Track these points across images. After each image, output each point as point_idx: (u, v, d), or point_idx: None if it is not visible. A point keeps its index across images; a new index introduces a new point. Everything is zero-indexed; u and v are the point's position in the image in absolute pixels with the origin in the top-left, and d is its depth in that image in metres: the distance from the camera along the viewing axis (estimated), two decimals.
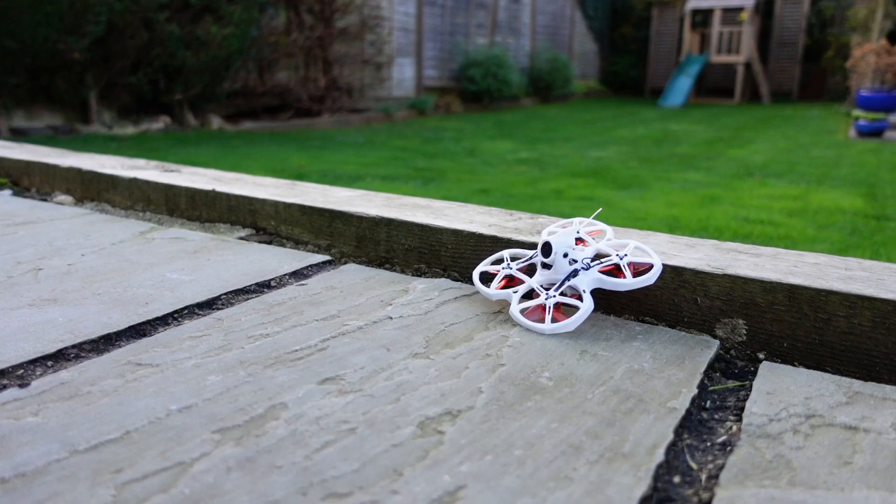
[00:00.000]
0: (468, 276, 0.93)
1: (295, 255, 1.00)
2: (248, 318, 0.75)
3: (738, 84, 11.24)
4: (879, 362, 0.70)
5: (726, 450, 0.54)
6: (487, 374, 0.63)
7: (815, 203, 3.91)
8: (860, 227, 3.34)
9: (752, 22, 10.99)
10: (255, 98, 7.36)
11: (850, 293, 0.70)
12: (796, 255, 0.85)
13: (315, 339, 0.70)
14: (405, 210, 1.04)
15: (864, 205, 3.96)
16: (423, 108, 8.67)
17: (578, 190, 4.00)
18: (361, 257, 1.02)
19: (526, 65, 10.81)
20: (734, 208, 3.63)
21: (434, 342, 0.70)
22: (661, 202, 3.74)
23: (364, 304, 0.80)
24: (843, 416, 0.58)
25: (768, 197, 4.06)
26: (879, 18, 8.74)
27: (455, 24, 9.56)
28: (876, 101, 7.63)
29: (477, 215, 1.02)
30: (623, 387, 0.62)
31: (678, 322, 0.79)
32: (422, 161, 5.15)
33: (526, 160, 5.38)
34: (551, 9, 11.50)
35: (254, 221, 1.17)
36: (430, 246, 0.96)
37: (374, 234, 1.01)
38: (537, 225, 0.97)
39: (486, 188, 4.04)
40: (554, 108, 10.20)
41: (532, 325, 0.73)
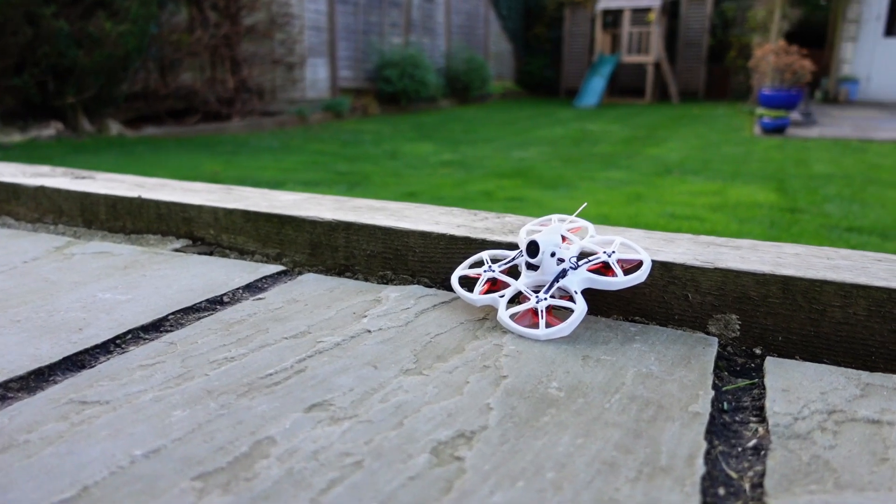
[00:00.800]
0: (440, 282, 0.87)
1: (244, 267, 0.91)
2: (205, 339, 0.67)
3: (649, 84, 11.64)
4: (875, 351, 0.68)
5: (760, 454, 0.50)
6: (492, 388, 0.57)
7: (733, 198, 4.06)
8: (777, 219, 3.48)
9: (659, 23, 11.42)
10: (158, 101, 7.01)
11: (844, 282, 0.68)
12: (774, 247, 0.84)
13: (289, 359, 0.62)
14: (361, 213, 0.96)
15: (777, 198, 4.14)
16: (340, 110, 8.52)
17: (507, 191, 4.00)
18: (318, 266, 0.94)
19: (442, 65, 10.82)
20: (660, 205, 3.72)
21: (423, 356, 0.63)
22: (589, 201, 3.78)
23: (335, 318, 0.72)
24: (863, 410, 0.56)
25: (689, 193, 4.19)
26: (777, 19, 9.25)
27: (369, 23, 9.45)
28: (777, 100, 8.05)
29: (440, 216, 0.96)
30: (638, 393, 0.57)
31: (669, 320, 0.76)
32: (343, 165, 5.03)
33: (450, 162, 5.35)
34: (465, 8, 11.56)
35: (189, 231, 1.07)
36: (396, 250, 0.89)
37: (331, 239, 0.93)
38: (507, 224, 0.91)
39: (413, 191, 3.98)
40: (472, 110, 10.26)
41: (526, 332, 0.68)
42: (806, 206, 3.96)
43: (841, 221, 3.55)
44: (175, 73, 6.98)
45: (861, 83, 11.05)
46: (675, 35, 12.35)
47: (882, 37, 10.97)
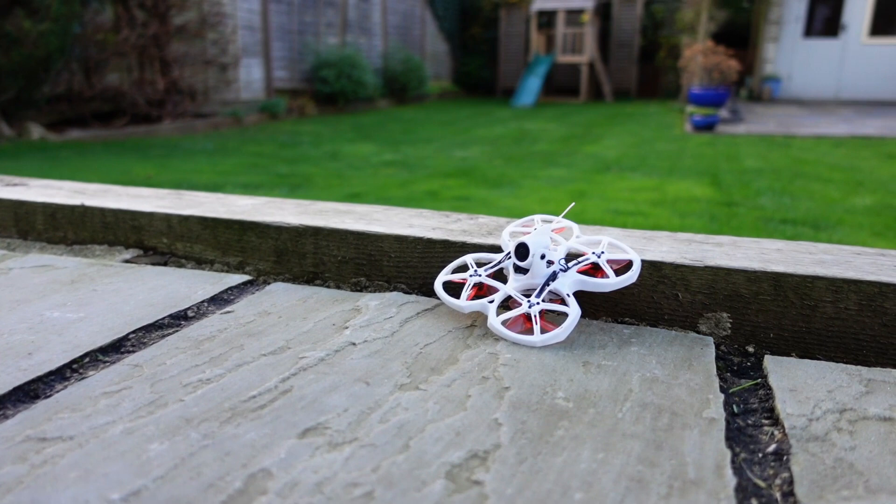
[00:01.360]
0: (418, 287, 0.83)
1: (206, 278, 0.84)
2: (174, 360, 0.61)
3: (583, 83, 11.85)
4: (866, 345, 0.68)
5: (783, 460, 0.48)
6: (496, 402, 0.54)
7: (671, 193, 4.16)
8: (716, 213, 3.58)
9: (592, 23, 11.63)
10: (83, 103, 6.70)
11: (835, 277, 0.68)
12: (755, 242, 0.83)
13: (272, 379, 0.57)
14: (329, 217, 0.91)
15: (712, 193, 4.26)
16: (276, 111, 8.33)
17: (452, 190, 3.98)
18: (284, 274, 0.89)
19: (380, 65, 10.73)
20: (603, 201, 3.77)
21: (416, 369, 0.59)
22: (534, 199, 3.80)
23: (314, 331, 0.67)
24: (872, 408, 0.55)
25: (629, 189, 4.26)
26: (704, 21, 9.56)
27: (304, 23, 9.27)
28: (706, 98, 8.32)
29: (412, 219, 0.91)
30: (648, 400, 0.55)
31: (659, 320, 0.74)
32: (283, 167, 4.91)
33: (391, 162, 5.30)
34: (401, 8, 11.50)
35: (140, 240, 0.99)
36: (370, 256, 0.84)
37: (299, 246, 0.88)
38: (482, 226, 0.88)
39: (358, 192, 3.92)
40: (411, 110, 10.21)
41: (520, 339, 0.65)
42: (741, 199, 4.09)
43: (775, 214, 3.67)
44: (101, 74, 6.68)
45: (783, 82, 11.54)
46: (607, 36, 12.62)
47: (801, 37, 11.49)
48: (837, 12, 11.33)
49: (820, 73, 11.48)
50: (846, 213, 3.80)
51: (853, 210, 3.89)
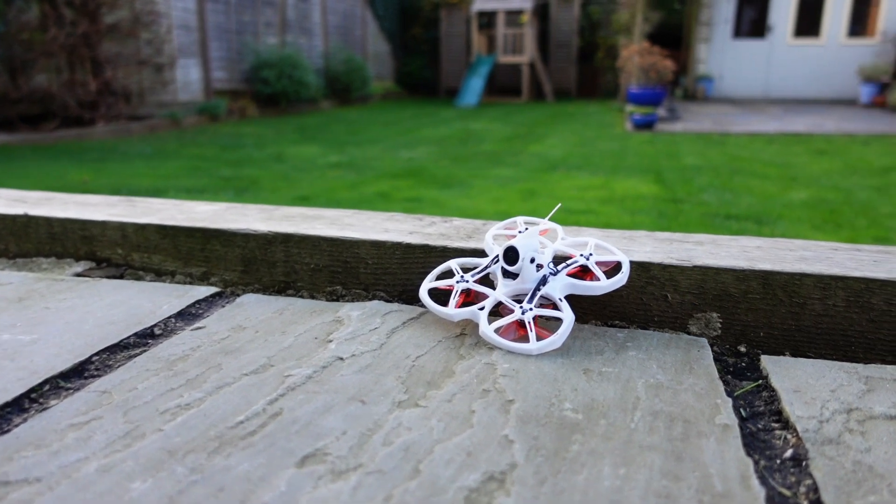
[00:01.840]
0: (398, 295, 0.79)
1: (169, 291, 0.79)
2: (146, 384, 0.55)
3: (525, 83, 11.96)
4: (854, 341, 0.68)
5: (802, 465, 0.47)
6: (502, 417, 0.51)
7: (618, 191, 4.22)
8: (663, 210, 3.65)
9: (531, 24, 11.75)
10: (9, 105, 6.37)
11: (823, 274, 0.68)
12: (733, 240, 0.83)
13: (258, 401, 0.53)
14: (297, 222, 0.87)
15: (658, 190, 4.35)
16: (216, 112, 8.11)
17: (403, 191, 3.94)
18: (253, 284, 0.84)
19: (321, 66, 10.58)
20: (554, 200, 3.79)
21: (412, 383, 0.56)
22: (486, 198, 3.79)
23: (296, 346, 0.63)
24: (877, 406, 0.55)
25: (577, 188, 4.31)
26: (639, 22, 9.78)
27: (242, 23, 9.06)
28: (644, 97, 8.51)
29: (384, 223, 0.88)
30: (657, 407, 0.53)
31: (649, 322, 0.73)
32: (227, 170, 4.78)
33: (338, 164, 5.22)
34: (342, 8, 11.36)
35: (91, 251, 0.92)
36: (345, 263, 0.80)
37: (268, 254, 0.83)
38: (459, 229, 0.85)
39: (306, 195, 3.84)
40: (354, 111, 10.10)
41: (516, 347, 0.62)
42: (685, 196, 4.18)
43: (719, 210, 3.77)
44: (28, 76, 6.36)
45: (716, 81, 11.92)
46: (546, 36, 12.78)
47: (731, 38, 11.89)
48: (763, 14, 11.77)
49: (749, 72, 11.91)
50: (785, 207, 3.93)
51: (791, 204, 4.03)
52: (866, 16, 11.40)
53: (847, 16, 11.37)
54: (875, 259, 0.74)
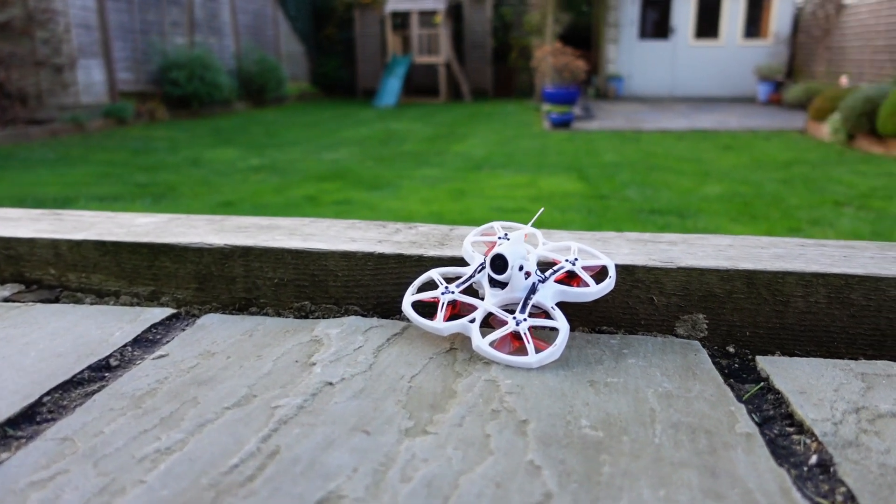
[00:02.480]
0: (372, 309, 0.74)
1: (118, 314, 0.71)
2: (114, 427, 0.49)
3: (442, 83, 11.99)
4: (836, 337, 0.69)
5: (830, 471, 0.46)
6: (521, 440, 0.47)
7: (545, 189, 4.27)
8: (592, 207, 3.71)
9: (446, 25, 11.79)
10: None
11: (805, 272, 0.68)
12: (701, 238, 0.83)
13: (250, 439, 0.47)
14: (253, 234, 0.81)
15: (582, 187, 4.43)
16: (123, 115, 7.70)
17: (331, 194, 3.85)
18: (210, 303, 0.77)
19: (234, 66, 10.24)
20: (484, 199, 3.80)
21: (414, 408, 0.52)
22: (416, 199, 3.76)
23: (277, 371, 0.58)
24: (882, 404, 0.55)
25: (505, 186, 4.33)
26: (550, 23, 9.97)
27: (147, 22, 8.64)
28: (559, 96, 8.68)
29: (347, 231, 0.83)
30: (674, 419, 0.51)
31: (635, 326, 0.71)
32: (141, 176, 4.54)
33: (260, 167, 5.05)
34: (252, 8, 11.04)
35: (19, 272, 0.83)
36: (313, 276, 0.75)
37: (226, 269, 0.76)
38: (427, 235, 0.81)
39: (230, 201, 3.68)
40: (271, 112, 9.83)
41: (514, 361, 0.59)
42: (609, 192, 4.28)
43: (643, 205, 3.87)
44: None
45: (625, 80, 12.33)
46: (461, 37, 12.86)
47: (637, 39, 12.32)
48: (666, 16, 12.27)
49: (656, 72, 12.38)
50: (702, 201, 4.09)
51: (707, 198, 4.19)
52: (759, 19, 12.08)
53: (742, 19, 12.00)
54: (844, 254, 0.75)
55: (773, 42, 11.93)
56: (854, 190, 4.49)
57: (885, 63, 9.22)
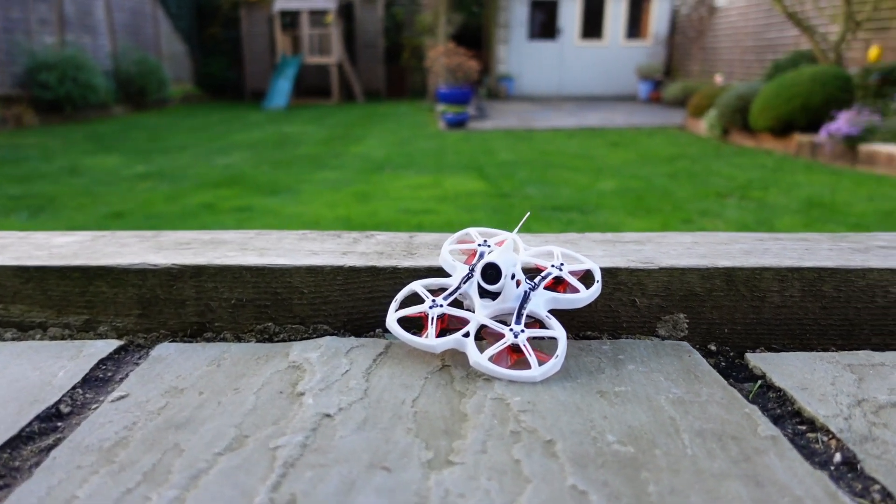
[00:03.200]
0: (343, 326, 0.69)
1: (55, 351, 0.62)
2: (87, 489, 0.41)
3: (334, 84, 11.78)
4: (809, 329, 0.70)
5: (857, 469, 0.46)
6: (553, 462, 0.44)
7: (449, 189, 4.28)
8: (497, 205, 3.75)
9: (337, 24, 11.60)
10: None
11: (780, 267, 0.69)
12: (663, 237, 0.83)
13: (259, 489, 0.41)
14: (199, 250, 0.73)
15: (484, 186, 4.48)
16: None
17: (229, 201, 3.67)
18: (157, 330, 0.69)
19: (110, 67, 9.59)
20: (390, 201, 3.75)
21: (428, 436, 0.48)
22: (320, 203, 3.65)
23: (263, 406, 0.52)
24: (879, 395, 0.56)
25: (409, 188, 4.30)
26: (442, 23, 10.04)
27: (10, 20, 7.93)
28: (453, 96, 8.76)
29: (301, 243, 0.77)
30: (696, 426, 0.49)
31: (618, 329, 0.70)
32: (13, 187, 4.15)
33: (147, 175, 4.76)
34: (129, 5, 10.39)
35: None
36: (275, 295, 0.69)
37: (175, 292, 0.68)
38: (390, 244, 0.77)
39: (119, 212, 3.43)
40: (153, 116, 9.30)
41: (517, 375, 0.56)
42: (511, 190, 4.35)
43: (545, 202, 3.96)
44: None
45: (516, 80, 12.62)
46: (353, 37, 12.71)
47: (526, 40, 12.65)
48: (553, 18, 12.68)
49: (544, 72, 12.76)
50: (599, 196, 4.23)
51: (603, 194, 4.34)
52: (640, 20, 12.72)
53: (624, 20, 12.59)
54: (805, 247, 0.77)
55: (652, 43, 12.59)
56: (733, 182, 4.78)
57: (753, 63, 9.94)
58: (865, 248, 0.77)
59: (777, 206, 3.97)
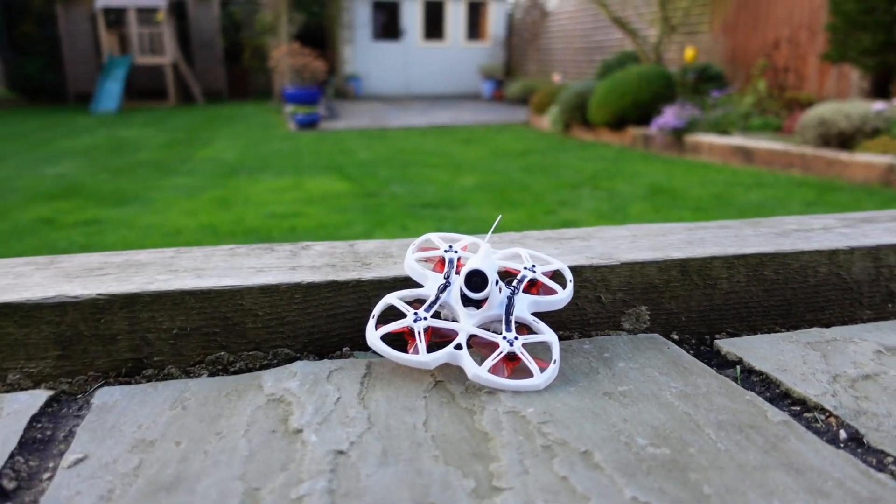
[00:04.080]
0: (303, 348, 0.63)
1: None
2: None
3: (170, 85, 11.03)
4: (755, 311, 0.74)
5: (864, 444, 0.48)
6: (600, 475, 0.42)
7: (313, 191, 4.16)
8: (366, 205, 3.69)
9: (169, 23, 10.87)
10: None
11: (728, 255, 0.72)
12: (601, 231, 0.84)
13: None
14: (121, 275, 0.63)
15: (349, 186, 4.40)
16: None
17: (71, 214, 3.32)
18: (83, 374, 0.59)
19: None
20: (254, 206, 3.57)
21: (460, 462, 0.44)
22: (177, 212, 3.40)
23: (260, 450, 0.45)
24: (848, 369, 0.59)
25: (270, 191, 4.13)
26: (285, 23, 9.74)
27: None
28: (301, 97, 8.52)
29: (237, 259, 0.69)
30: (712, 419, 0.49)
31: (585, 326, 0.69)
32: None
33: None
34: None
35: None
36: (225, 320, 0.61)
37: (102, 327, 0.59)
38: (335, 254, 0.71)
39: None
40: None
41: (521, 385, 0.53)
42: (376, 189, 4.31)
43: (412, 200, 3.96)
44: None
45: (363, 80, 12.54)
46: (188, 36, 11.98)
47: (371, 40, 12.62)
48: (395, 19, 12.75)
49: (391, 71, 12.80)
50: (463, 192, 4.30)
51: (466, 189, 4.42)
52: (479, 23, 13.12)
53: (464, 22, 12.93)
54: (734, 234, 0.81)
55: (491, 44, 13.03)
56: (582, 173, 5.06)
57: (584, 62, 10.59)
58: (784, 233, 0.82)
59: (625, 194, 4.24)
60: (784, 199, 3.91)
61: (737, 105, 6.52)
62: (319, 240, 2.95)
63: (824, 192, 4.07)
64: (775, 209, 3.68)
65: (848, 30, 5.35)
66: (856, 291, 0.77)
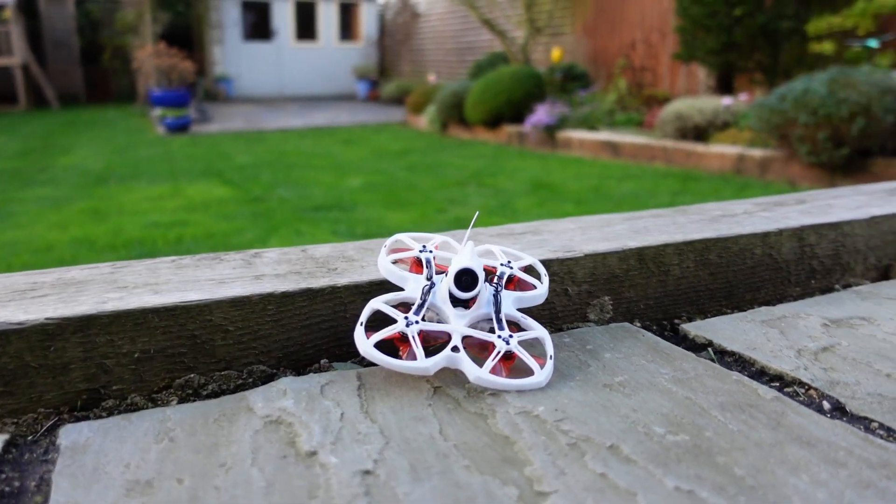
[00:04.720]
0: (278, 363, 0.59)
1: None
2: None
3: (20, 89, 10.06)
4: (703, 295, 0.77)
5: (848, 413, 0.51)
6: (636, 468, 0.42)
7: (194, 197, 3.95)
8: (254, 211, 3.55)
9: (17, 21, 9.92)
10: None
11: (678, 242, 0.75)
12: (546, 225, 0.85)
13: None
14: (61, 295, 0.56)
15: (232, 192, 4.22)
16: None
17: None
18: (31, 411, 0.51)
19: None
20: (132, 216, 3.34)
21: (494, 471, 0.42)
22: (45, 225, 3.11)
23: (277, 480, 0.41)
24: (807, 343, 0.63)
25: (148, 200, 3.88)
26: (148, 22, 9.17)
27: None
28: (169, 99, 8.07)
29: (188, 271, 0.64)
30: (713, 401, 0.51)
31: (555, 320, 0.70)
32: None
33: None
34: None
35: None
36: (193, 338, 0.56)
37: (52, 356, 0.52)
38: (296, 261, 0.67)
39: None
40: None
41: (524, 384, 0.52)
42: (262, 194, 4.16)
43: (302, 203, 3.86)
44: None
45: (235, 81, 12.06)
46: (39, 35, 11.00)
47: (242, 41, 12.16)
48: (266, 19, 12.36)
49: (264, 72, 12.40)
50: (352, 193, 4.24)
51: (354, 190, 4.36)
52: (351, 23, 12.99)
53: (336, 23, 12.75)
54: (672, 222, 0.85)
55: (364, 45, 12.94)
56: (465, 171, 5.13)
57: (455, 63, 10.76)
58: (714, 219, 0.86)
59: (510, 190, 4.34)
60: (654, 190, 4.15)
61: (602, 102, 6.88)
62: (211, 249, 2.80)
63: (687, 182, 4.38)
64: (648, 200, 3.91)
65: (695, 32, 5.78)
66: (785, 270, 0.82)
